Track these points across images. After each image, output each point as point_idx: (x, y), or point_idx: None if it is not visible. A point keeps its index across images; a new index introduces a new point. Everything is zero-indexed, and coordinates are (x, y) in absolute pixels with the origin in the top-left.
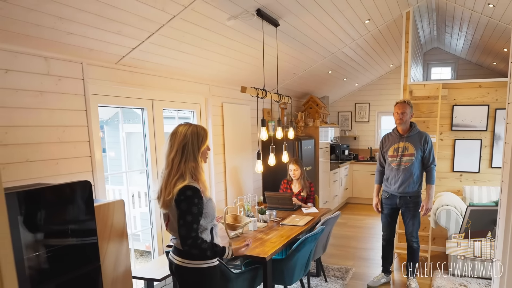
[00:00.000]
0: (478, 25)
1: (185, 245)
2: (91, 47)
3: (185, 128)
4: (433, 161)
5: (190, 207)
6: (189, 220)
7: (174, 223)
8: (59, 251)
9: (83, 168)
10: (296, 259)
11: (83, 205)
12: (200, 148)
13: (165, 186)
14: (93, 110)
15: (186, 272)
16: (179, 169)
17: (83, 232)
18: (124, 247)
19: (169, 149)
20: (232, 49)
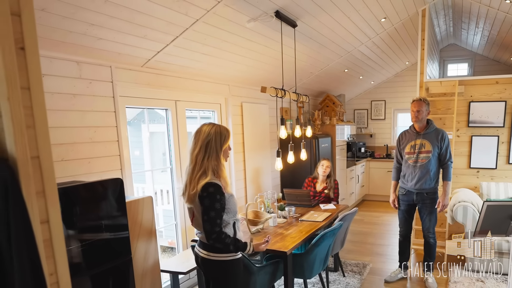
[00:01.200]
0: (495, 21)
1: (209, 239)
2: (120, 51)
3: (209, 127)
4: (450, 158)
5: (213, 203)
6: (213, 215)
7: (198, 219)
8: (93, 244)
9: (113, 167)
10: (315, 254)
11: (115, 201)
12: (222, 146)
13: (190, 181)
14: (121, 111)
15: (211, 265)
16: (202, 165)
17: (115, 226)
18: (152, 241)
19: (193, 146)
20: (251, 50)
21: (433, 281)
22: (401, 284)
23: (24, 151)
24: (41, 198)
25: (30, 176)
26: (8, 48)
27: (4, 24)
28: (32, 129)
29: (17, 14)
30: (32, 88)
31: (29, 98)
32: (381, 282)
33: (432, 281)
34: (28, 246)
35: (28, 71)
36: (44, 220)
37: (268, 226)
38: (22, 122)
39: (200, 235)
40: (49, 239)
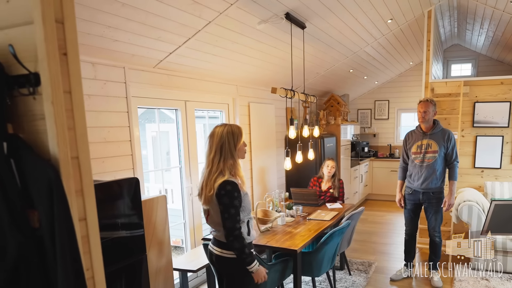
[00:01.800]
0: (500, 22)
1: (231, 235)
2: (134, 53)
3: (221, 129)
4: (456, 158)
5: (232, 201)
6: (233, 212)
7: (214, 217)
8: (110, 242)
9: (125, 166)
10: (324, 252)
11: (131, 200)
12: (236, 145)
13: (206, 184)
14: (134, 111)
15: (225, 262)
16: (219, 167)
17: (131, 225)
18: (166, 239)
19: (208, 150)
20: (260, 51)
21: (438, 280)
22: (407, 283)
23: (66, 152)
24: (79, 196)
25: (70, 176)
26: (53, 54)
27: (50, 31)
28: (73, 130)
29: (61, 22)
30: (73, 92)
31: (70, 102)
32: (387, 280)
33: (437, 279)
34: (70, 243)
35: (69, 75)
36: (82, 217)
37: (277, 225)
38: (64, 124)
39: (215, 233)
40: (86, 236)
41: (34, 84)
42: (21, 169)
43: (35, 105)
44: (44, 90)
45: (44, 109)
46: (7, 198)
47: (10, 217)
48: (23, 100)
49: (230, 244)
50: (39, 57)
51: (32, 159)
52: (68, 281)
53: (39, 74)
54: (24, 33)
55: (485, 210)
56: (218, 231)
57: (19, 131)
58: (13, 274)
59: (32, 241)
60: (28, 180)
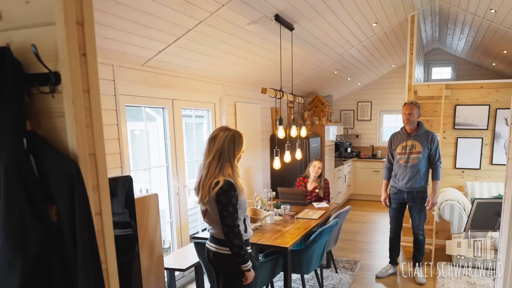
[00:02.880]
0: (480, 28)
1: (231, 232)
2: (123, 51)
3: (224, 135)
4: (439, 159)
5: (230, 199)
6: (231, 210)
7: (212, 215)
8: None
9: (114, 164)
10: (313, 250)
11: (124, 198)
12: (236, 154)
13: (202, 186)
14: (122, 109)
15: (222, 258)
16: (214, 173)
17: (124, 222)
18: (157, 237)
19: (206, 153)
20: (248, 51)
21: (422, 277)
22: (392, 279)
23: (84, 149)
24: (96, 192)
25: (88, 172)
26: (74, 54)
27: (71, 32)
28: (90, 128)
29: (81, 24)
30: (91, 91)
31: (89, 100)
32: (372, 278)
33: (421, 276)
34: (90, 237)
35: (88, 75)
36: (97, 212)
37: (266, 224)
38: (83, 122)
39: (212, 230)
40: (101, 230)
41: (54, 83)
42: (40, 164)
43: (53, 103)
44: (65, 89)
45: (64, 107)
46: (28, 192)
47: (31, 211)
48: (41, 98)
49: (231, 241)
50: (60, 57)
51: (52, 155)
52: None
53: (60, 73)
54: (44, 33)
55: (466, 209)
56: (215, 228)
57: (36, 128)
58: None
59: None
60: (47, 175)
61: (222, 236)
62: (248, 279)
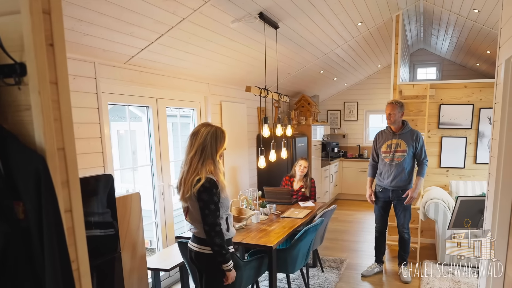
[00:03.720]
0: (463, 29)
1: (213, 231)
2: (105, 48)
3: (206, 130)
4: (425, 157)
5: (211, 197)
6: (213, 208)
7: (194, 214)
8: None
9: (96, 164)
10: (298, 249)
11: (106, 197)
12: (218, 150)
13: (184, 182)
14: (104, 107)
15: (204, 258)
16: (197, 168)
17: (105, 222)
18: (140, 237)
19: (189, 148)
20: (233, 50)
21: (407, 275)
22: (377, 278)
23: (52, 143)
24: (65, 188)
25: (56, 167)
26: (40, 44)
27: (37, 21)
28: (59, 122)
29: (48, 13)
30: (59, 83)
31: (57, 92)
32: (358, 276)
33: (406, 275)
34: (58, 235)
35: (56, 66)
36: (67, 209)
37: (251, 223)
38: (51, 115)
39: (194, 230)
40: (72, 228)
41: (20, 74)
42: (6, 159)
43: (20, 95)
44: (31, 81)
45: (30, 99)
46: None
47: None
48: (7, 90)
49: (212, 240)
50: (26, 47)
51: (19, 149)
52: (56, 273)
53: (25, 64)
54: (9, 22)
55: (451, 208)
56: (196, 227)
57: (2, 122)
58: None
59: (18, 233)
60: (13, 171)
61: (204, 235)
62: (229, 279)
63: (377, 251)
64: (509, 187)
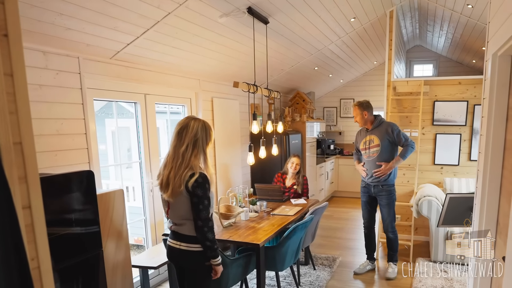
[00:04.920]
0: (458, 24)
1: (205, 226)
2: (88, 43)
3: (196, 124)
4: (406, 141)
5: (205, 192)
6: (206, 204)
7: (181, 210)
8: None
9: (80, 160)
10: (287, 246)
11: (86, 194)
12: (208, 143)
13: (174, 177)
14: (89, 103)
15: (191, 256)
16: (190, 162)
17: (86, 219)
18: (123, 234)
19: (178, 142)
20: (223, 45)
21: (392, 271)
22: (369, 276)
23: (7, 137)
24: (23, 183)
25: (12, 162)
26: None
27: None
28: (15, 115)
29: (1, 2)
30: (15, 75)
31: (12, 85)
32: (351, 274)
33: (391, 271)
34: (12, 231)
35: (11, 57)
36: (26, 205)
37: (240, 220)
38: (5, 108)
39: (178, 227)
40: (31, 224)
41: None
42: None
43: None
44: None
45: None
46: None
47: None
48: None
49: (204, 235)
50: None
51: None
52: (11, 271)
53: None
54: None
55: None
56: (182, 224)
57: None
58: None
59: None
60: None
61: (190, 232)
62: (218, 273)
63: (367, 248)
64: (496, 184)
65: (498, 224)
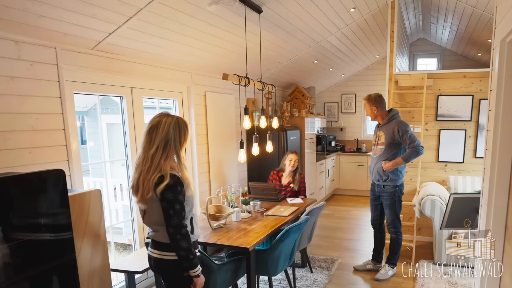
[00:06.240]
0: (463, 15)
1: (178, 234)
2: (65, 31)
3: (168, 122)
4: (412, 143)
5: (176, 195)
6: (178, 208)
7: (154, 216)
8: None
9: (58, 158)
10: (280, 250)
11: (56, 196)
12: (183, 144)
13: (143, 182)
14: (68, 97)
15: (166, 265)
16: (159, 166)
17: (56, 223)
18: (101, 237)
19: (147, 143)
20: (215, 36)
21: (384, 273)
22: (370, 277)
23: None
24: None
25: None
26: None
27: None
28: None
29: None
30: None
31: None
32: (349, 277)
33: (383, 272)
34: None
35: None
36: None
37: (231, 221)
38: None
39: (153, 233)
40: None
41: None
42: None
43: None
44: None
45: None
46: None
47: None
48: None
49: (177, 243)
50: None
51: None
52: None
53: None
54: None
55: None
56: (157, 231)
57: None
58: None
59: None
60: None
61: (165, 239)
62: (198, 286)
63: (374, 245)
64: (504, 184)
65: (507, 228)
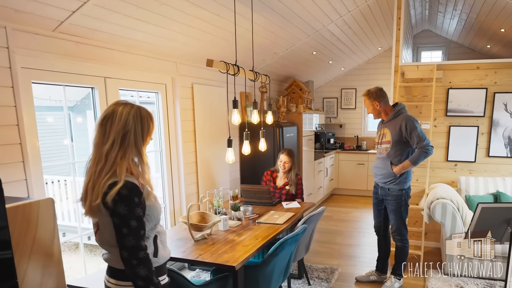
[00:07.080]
0: (475, 2)
1: (134, 259)
2: (17, 8)
3: (126, 111)
4: (420, 143)
5: (132, 209)
6: (134, 226)
7: (105, 234)
8: None
9: (10, 159)
10: (273, 265)
11: None
12: (145, 138)
13: (93, 187)
14: (24, 87)
15: None
16: (115, 165)
17: None
18: (54, 257)
19: (101, 137)
20: (201, 20)
21: (390, 285)
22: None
23: None
24: None
25: None
26: None
27: None
28: None
29: None
30: None
31: None
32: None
33: (389, 285)
34: None
35: None
36: None
37: (218, 231)
38: None
39: (107, 256)
40: None
41: None
42: None
43: None
44: None
45: None
46: None
47: None
48: None
49: (133, 271)
50: None
51: None
52: None
53: None
54: None
55: (460, 208)
56: (110, 253)
57: None
58: None
59: None
60: None
61: (121, 264)
62: None
63: (378, 254)
64: None
65: None
